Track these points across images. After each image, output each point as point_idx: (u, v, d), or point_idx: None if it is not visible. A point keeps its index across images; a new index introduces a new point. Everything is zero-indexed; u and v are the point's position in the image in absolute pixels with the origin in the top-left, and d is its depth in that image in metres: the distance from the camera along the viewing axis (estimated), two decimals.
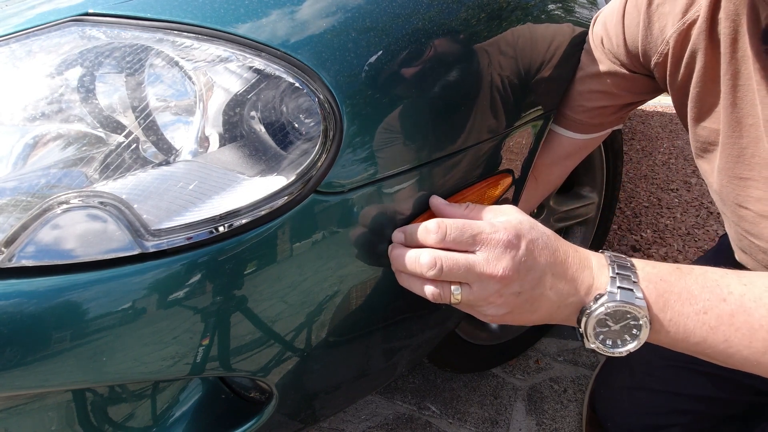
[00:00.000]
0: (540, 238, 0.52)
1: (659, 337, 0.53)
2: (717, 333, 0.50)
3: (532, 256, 0.50)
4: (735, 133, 0.61)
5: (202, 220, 0.47)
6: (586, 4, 0.81)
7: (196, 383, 0.59)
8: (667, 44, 0.64)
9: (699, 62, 0.61)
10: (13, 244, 0.43)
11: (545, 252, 0.51)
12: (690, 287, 0.51)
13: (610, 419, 0.96)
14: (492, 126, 0.64)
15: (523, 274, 0.50)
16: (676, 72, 0.65)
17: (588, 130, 0.81)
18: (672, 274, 0.52)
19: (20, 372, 0.45)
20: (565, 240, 0.55)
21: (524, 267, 0.50)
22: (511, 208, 0.55)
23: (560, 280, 0.52)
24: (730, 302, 0.50)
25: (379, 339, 0.67)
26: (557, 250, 0.52)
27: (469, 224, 0.50)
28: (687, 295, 0.51)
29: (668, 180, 2.17)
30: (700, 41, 0.60)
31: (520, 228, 0.51)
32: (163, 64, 0.49)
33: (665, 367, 0.90)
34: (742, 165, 0.61)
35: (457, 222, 0.50)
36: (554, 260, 0.52)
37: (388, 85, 0.53)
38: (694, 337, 0.51)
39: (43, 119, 0.47)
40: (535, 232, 0.52)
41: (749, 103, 0.58)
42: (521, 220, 0.52)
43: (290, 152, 0.50)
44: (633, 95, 0.76)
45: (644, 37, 0.66)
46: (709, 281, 0.51)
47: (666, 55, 0.65)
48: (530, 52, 0.67)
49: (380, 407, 1.13)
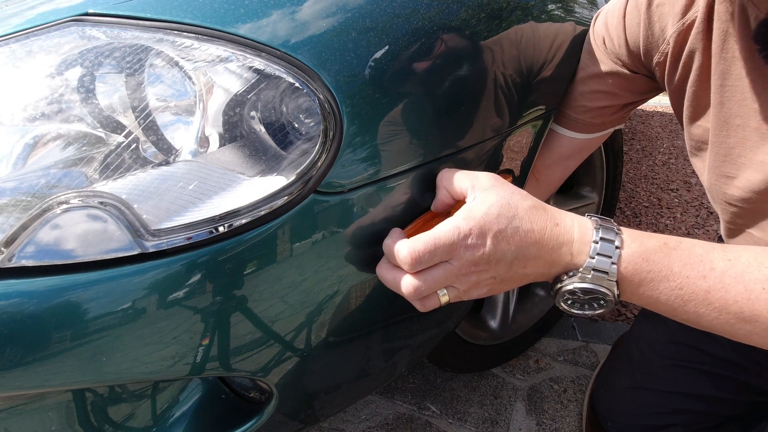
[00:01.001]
0: (508, 225, 0.51)
1: (627, 300, 0.55)
2: (688, 306, 0.52)
3: (498, 248, 0.51)
4: (722, 133, 0.62)
5: (201, 220, 0.47)
6: (586, 4, 0.81)
7: (196, 383, 0.59)
8: (668, 44, 0.64)
9: (696, 62, 0.62)
10: (13, 244, 0.43)
11: (514, 239, 0.51)
12: (671, 265, 0.52)
13: (610, 419, 0.96)
14: (492, 125, 0.64)
15: (494, 265, 0.52)
16: (674, 71, 0.66)
17: (589, 130, 0.81)
18: (657, 252, 0.52)
19: (20, 372, 0.45)
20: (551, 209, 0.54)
21: (493, 259, 0.51)
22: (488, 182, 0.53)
23: (535, 259, 0.53)
24: (710, 279, 0.51)
25: (379, 339, 0.67)
26: (530, 231, 0.52)
27: (439, 241, 0.50)
28: (666, 272, 0.51)
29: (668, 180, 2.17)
30: (698, 41, 0.61)
31: (484, 222, 0.50)
32: (163, 64, 0.49)
33: (666, 367, 0.90)
34: (729, 164, 0.62)
35: (428, 244, 0.50)
36: (526, 243, 0.52)
37: (388, 85, 0.53)
38: (665, 306, 0.53)
39: (43, 119, 0.47)
40: (503, 220, 0.51)
41: (737, 104, 0.59)
42: (488, 210, 0.51)
43: (290, 152, 0.50)
44: (634, 95, 0.76)
45: (645, 37, 0.67)
46: (693, 257, 0.52)
47: (666, 55, 0.65)
48: (531, 52, 0.67)
49: (380, 407, 1.13)
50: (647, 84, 0.73)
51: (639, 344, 0.96)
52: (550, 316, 1.26)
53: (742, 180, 0.61)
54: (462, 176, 0.55)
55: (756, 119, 0.57)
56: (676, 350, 0.89)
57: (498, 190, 0.53)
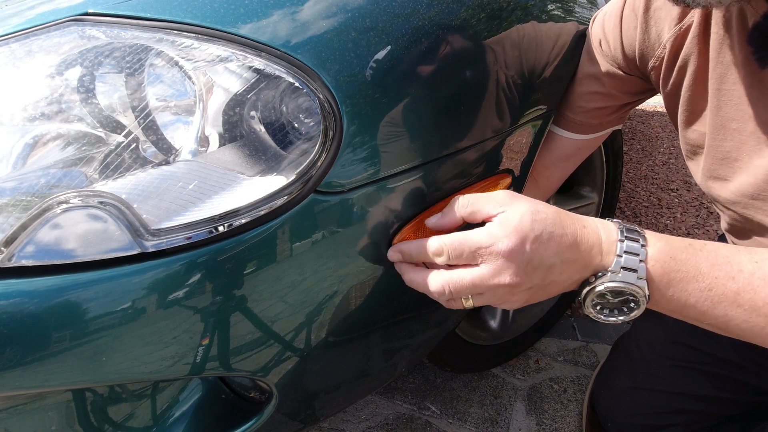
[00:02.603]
0: (543, 230, 0.50)
1: (658, 306, 0.53)
2: (717, 308, 0.51)
3: (537, 254, 0.50)
4: (719, 136, 0.62)
5: (201, 219, 0.47)
6: (586, 4, 0.81)
7: (196, 383, 0.59)
8: (664, 48, 0.64)
9: (691, 66, 0.62)
10: (13, 244, 0.43)
11: (551, 244, 0.50)
12: (699, 265, 0.51)
13: (610, 419, 0.96)
14: (492, 125, 0.64)
15: (531, 274, 0.50)
16: (669, 76, 0.66)
17: (587, 131, 0.81)
18: (684, 251, 0.51)
19: (20, 372, 0.45)
20: (573, 213, 0.53)
21: (530, 267, 0.50)
22: (508, 197, 0.52)
23: (569, 264, 0.52)
24: (738, 280, 0.50)
25: (379, 339, 0.67)
26: (564, 236, 0.51)
27: (466, 241, 0.50)
28: (694, 272, 0.51)
29: (668, 180, 2.17)
30: (694, 45, 0.61)
31: (521, 228, 0.49)
32: (163, 63, 0.49)
33: (665, 367, 0.90)
34: (725, 167, 0.62)
35: (455, 241, 0.50)
36: (561, 248, 0.51)
37: (388, 85, 0.53)
38: (694, 310, 0.52)
39: (43, 119, 0.47)
40: (538, 226, 0.50)
41: (734, 107, 0.59)
42: (521, 218, 0.50)
43: (290, 152, 0.50)
44: (630, 95, 0.76)
45: (641, 41, 0.67)
46: (720, 258, 0.51)
47: (662, 59, 0.65)
48: (532, 52, 0.67)
49: (380, 407, 1.13)
50: (643, 85, 0.74)
51: (639, 344, 0.96)
52: (550, 316, 1.26)
53: (735, 183, 0.62)
54: (481, 199, 0.53)
55: (752, 123, 0.57)
56: (676, 350, 0.90)
57: (523, 200, 0.52)
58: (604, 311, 0.54)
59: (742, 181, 0.60)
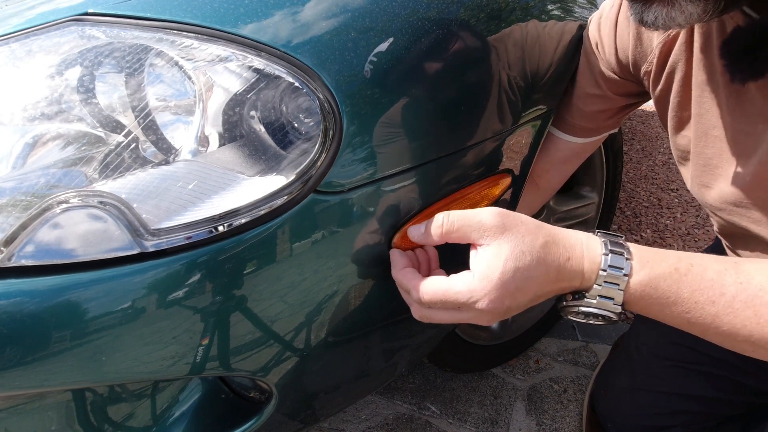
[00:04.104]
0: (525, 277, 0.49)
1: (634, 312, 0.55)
2: (694, 328, 0.52)
3: (515, 300, 0.50)
4: (701, 143, 0.62)
5: (201, 219, 0.47)
6: (585, 4, 0.81)
7: (196, 383, 0.59)
8: (653, 55, 0.65)
9: (678, 72, 0.63)
10: (13, 244, 0.43)
11: (531, 288, 0.50)
12: (680, 291, 0.51)
13: (610, 420, 0.96)
14: (492, 125, 0.64)
15: (507, 313, 0.52)
16: (658, 81, 0.67)
17: (585, 134, 0.82)
18: (667, 278, 0.51)
19: (20, 372, 0.45)
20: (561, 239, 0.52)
21: (509, 310, 0.51)
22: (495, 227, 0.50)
23: (549, 293, 0.53)
24: (718, 304, 0.50)
25: (379, 339, 0.67)
26: (546, 274, 0.51)
27: (447, 296, 0.50)
28: (675, 298, 0.51)
29: (668, 180, 2.17)
30: (681, 52, 0.61)
31: (503, 283, 0.49)
32: (163, 63, 0.49)
33: (666, 368, 0.90)
34: (707, 174, 0.63)
35: (436, 295, 0.51)
36: (540, 286, 0.51)
37: (387, 85, 0.53)
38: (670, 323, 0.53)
39: (43, 119, 0.47)
40: (520, 275, 0.49)
41: (714, 115, 0.59)
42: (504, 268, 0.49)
43: (290, 152, 0.50)
44: (627, 98, 0.76)
45: (634, 47, 0.67)
46: (705, 282, 0.51)
47: (652, 65, 0.66)
48: (532, 52, 0.67)
49: (380, 407, 1.13)
50: (638, 88, 0.74)
51: (638, 345, 0.96)
52: (550, 316, 1.26)
53: (717, 191, 0.62)
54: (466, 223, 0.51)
55: (729, 132, 0.58)
56: (674, 351, 0.90)
57: (509, 236, 0.50)
58: (579, 316, 0.55)
59: (723, 188, 0.61)
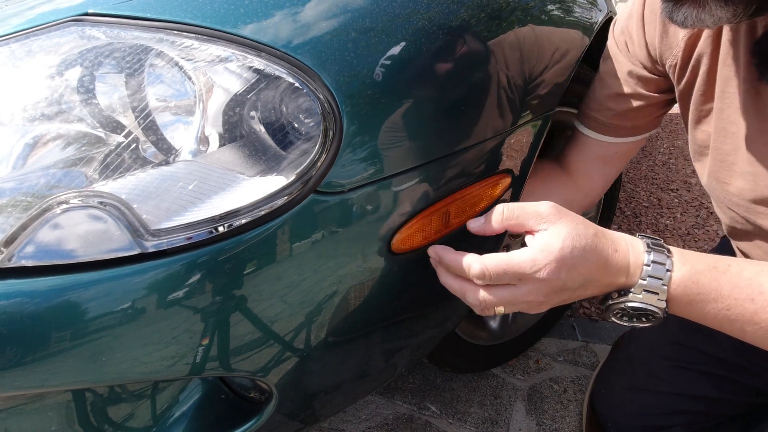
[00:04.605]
0: (582, 256, 0.52)
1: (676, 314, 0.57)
2: (734, 324, 0.54)
3: (570, 278, 0.53)
4: (720, 138, 0.63)
5: (201, 220, 0.47)
6: (586, 5, 0.81)
7: (196, 383, 0.59)
8: (679, 48, 0.66)
9: (703, 66, 0.63)
10: (13, 244, 0.43)
11: (584, 269, 0.53)
12: (720, 288, 0.54)
13: (611, 419, 0.96)
14: (492, 126, 0.64)
15: (560, 293, 0.54)
16: (683, 74, 0.67)
17: (620, 134, 0.81)
18: (707, 274, 0.54)
19: (20, 372, 0.45)
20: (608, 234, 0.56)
21: (563, 287, 0.53)
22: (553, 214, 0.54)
23: (595, 282, 0.55)
24: (758, 302, 0.53)
25: (379, 339, 0.67)
26: (597, 261, 0.54)
27: (510, 268, 0.52)
28: (715, 295, 0.54)
29: (668, 180, 2.17)
30: (707, 46, 0.62)
31: (561, 257, 0.52)
32: (163, 64, 0.49)
33: (666, 368, 0.90)
34: (724, 170, 0.63)
35: (498, 267, 0.52)
36: (591, 271, 0.54)
37: (388, 85, 0.53)
38: (710, 322, 0.56)
39: (43, 119, 0.47)
40: (577, 252, 0.52)
41: (735, 111, 0.60)
42: (562, 244, 0.52)
43: (290, 152, 0.50)
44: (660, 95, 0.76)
45: (660, 40, 0.68)
46: (743, 280, 0.54)
47: (678, 59, 0.67)
48: (532, 52, 0.67)
49: (380, 407, 1.13)
50: (668, 83, 0.74)
51: (639, 345, 0.96)
52: (550, 316, 1.26)
53: (735, 187, 0.63)
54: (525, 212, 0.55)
55: (747, 130, 0.58)
56: (676, 351, 0.90)
57: (566, 219, 0.54)
58: (624, 319, 0.57)
59: (741, 185, 0.61)
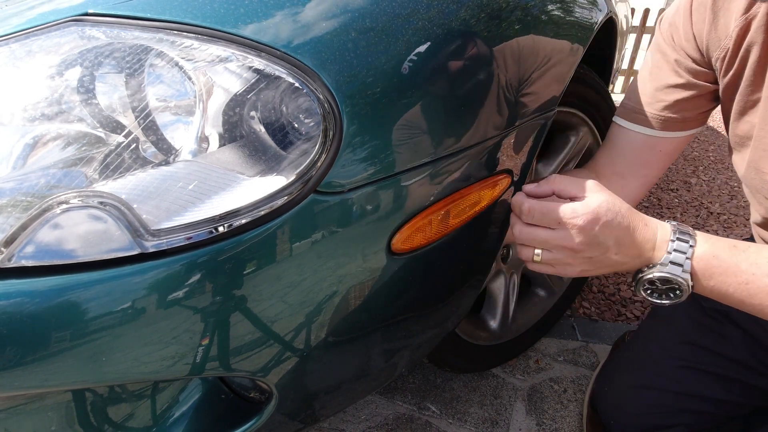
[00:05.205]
0: (614, 218, 0.62)
1: (701, 292, 0.65)
2: (754, 298, 0.61)
3: (603, 233, 0.62)
4: (766, 128, 0.65)
5: (201, 220, 0.47)
6: (586, 5, 0.81)
7: (196, 383, 0.59)
8: (729, 39, 0.67)
9: (753, 56, 0.65)
10: (13, 244, 0.43)
11: (617, 230, 0.62)
12: (739, 263, 0.61)
13: (613, 417, 0.96)
14: (492, 126, 0.64)
15: (594, 247, 0.63)
16: (731, 65, 0.69)
17: (670, 127, 0.81)
18: (727, 251, 0.62)
19: (20, 372, 0.45)
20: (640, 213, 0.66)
21: (595, 242, 0.62)
22: (594, 186, 0.65)
23: (624, 248, 0.64)
24: None
25: (379, 339, 0.67)
26: (628, 227, 0.63)
27: (552, 210, 0.63)
28: (734, 269, 0.61)
29: (668, 180, 2.17)
30: (758, 35, 0.64)
31: (597, 211, 0.62)
32: (163, 64, 0.49)
33: (676, 368, 0.90)
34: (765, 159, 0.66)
35: (543, 208, 0.64)
36: (623, 235, 0.63)
37: (387, 85, 0.53)
38: (731, 299, 0.63)
39: (43, 119, 0.47)
40: (611, 213, 0.62)
41: None
42: (600, 203, 0.62)
43: (290, 152, 0.50)
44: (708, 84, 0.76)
45: (709, 32, 0.70)
46: (761, 258, 0.61)
47: (727, 50, 0.68)
48: (532, 52, 0.67)
49: (380, 407, 1.13)
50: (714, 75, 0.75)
51: (646, 344, 0.96)
52: (550, 316, 1.26)
53: None
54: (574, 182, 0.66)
55: None
56: (686, 351, 0.89)
57: (605, 192, 0.65)
58: (654, 295, 0.66)
59: None
